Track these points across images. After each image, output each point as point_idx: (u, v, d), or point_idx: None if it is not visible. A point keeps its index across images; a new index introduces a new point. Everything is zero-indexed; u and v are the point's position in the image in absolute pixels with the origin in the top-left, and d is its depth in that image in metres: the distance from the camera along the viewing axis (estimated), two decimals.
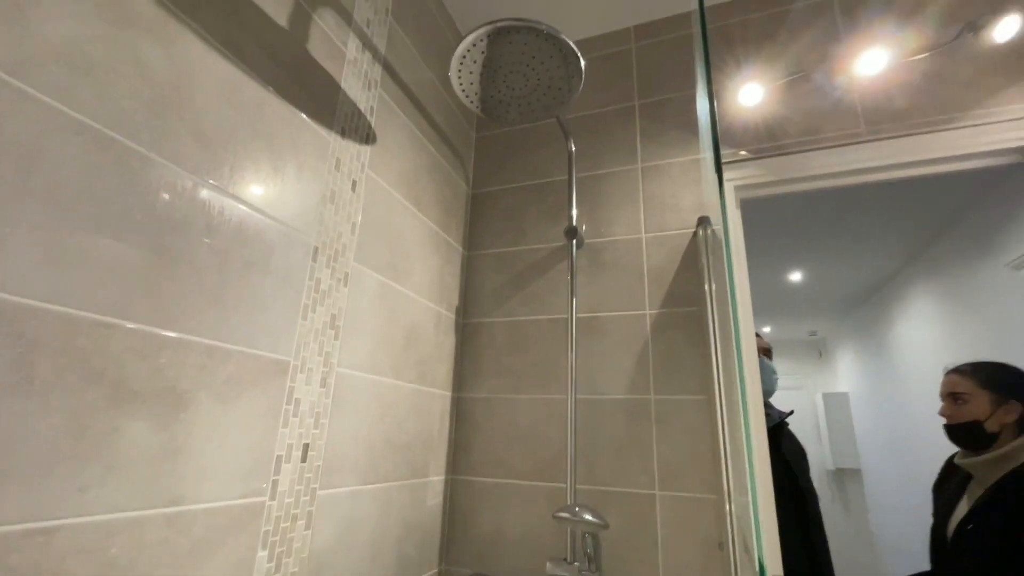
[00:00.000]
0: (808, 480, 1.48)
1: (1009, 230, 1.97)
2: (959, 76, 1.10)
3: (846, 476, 4.44)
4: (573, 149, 1.29)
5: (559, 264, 1.30)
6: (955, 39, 1.10)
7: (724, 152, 1.26)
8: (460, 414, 1.27)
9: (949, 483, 1.43)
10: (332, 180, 0.88)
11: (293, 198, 0.79)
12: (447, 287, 1.28)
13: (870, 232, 2.65)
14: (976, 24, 1.07)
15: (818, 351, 5.01)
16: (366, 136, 0.98)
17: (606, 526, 0.88)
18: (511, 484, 1.17)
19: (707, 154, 0.41)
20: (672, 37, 1.42)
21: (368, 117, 0.99)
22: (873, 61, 1.13)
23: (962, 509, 1.33)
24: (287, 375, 0.75)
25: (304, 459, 0.78)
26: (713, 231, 1.20)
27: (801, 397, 4.89)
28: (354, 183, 0.94)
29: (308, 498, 0.78)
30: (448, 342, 1.27)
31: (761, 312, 4.26)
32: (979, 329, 2.22)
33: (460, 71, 1.00)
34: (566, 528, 1.05)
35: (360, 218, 0.96)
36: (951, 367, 1.44)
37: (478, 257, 1.40)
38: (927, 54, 1.13)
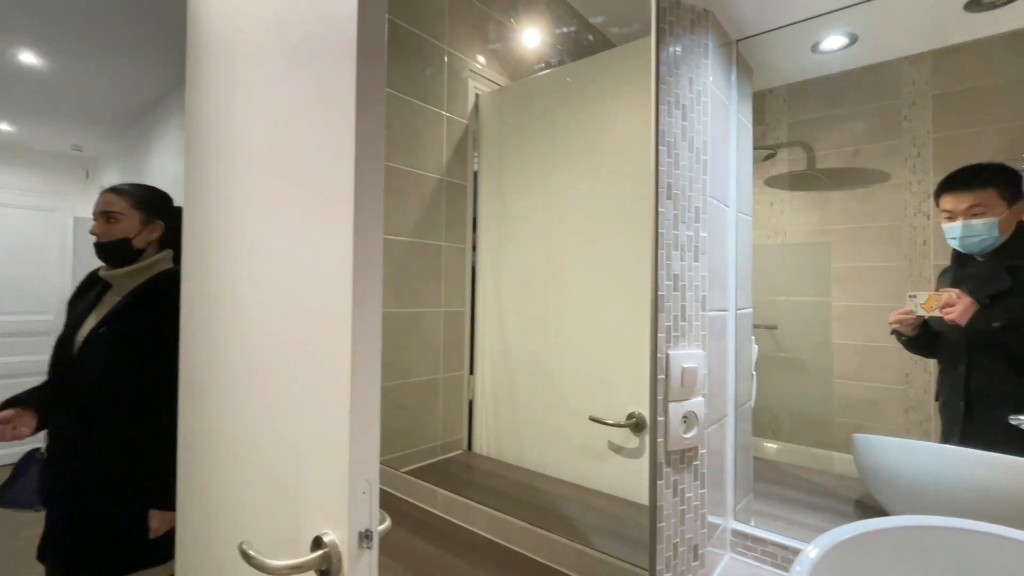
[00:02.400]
0: None
1: None
2: None
3: None
4: None
5: None
6: None
7: None
8: None
9: (87, 296, 1.44)
10: None
11: None
12: None
13: (131, 42, 2.36)
14: None
15: (85, 170, 4.36)
16: None
17: None
18: None
19: None
20: None
21: None
22: None
23: (96, 317, 1.36)
24: None
25: None
26: None
27: (51, 219, 4.15)
28: None
29: None
30: None
31: None
32: None
33: None
34: None
35: None
36: (107, 187, 1.41)
37: None
38: None
